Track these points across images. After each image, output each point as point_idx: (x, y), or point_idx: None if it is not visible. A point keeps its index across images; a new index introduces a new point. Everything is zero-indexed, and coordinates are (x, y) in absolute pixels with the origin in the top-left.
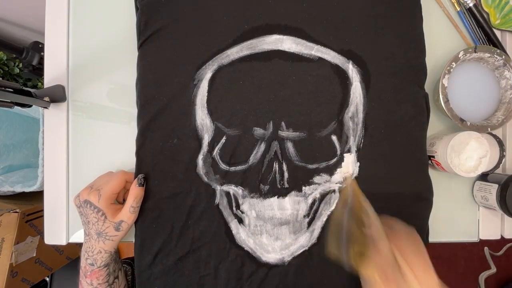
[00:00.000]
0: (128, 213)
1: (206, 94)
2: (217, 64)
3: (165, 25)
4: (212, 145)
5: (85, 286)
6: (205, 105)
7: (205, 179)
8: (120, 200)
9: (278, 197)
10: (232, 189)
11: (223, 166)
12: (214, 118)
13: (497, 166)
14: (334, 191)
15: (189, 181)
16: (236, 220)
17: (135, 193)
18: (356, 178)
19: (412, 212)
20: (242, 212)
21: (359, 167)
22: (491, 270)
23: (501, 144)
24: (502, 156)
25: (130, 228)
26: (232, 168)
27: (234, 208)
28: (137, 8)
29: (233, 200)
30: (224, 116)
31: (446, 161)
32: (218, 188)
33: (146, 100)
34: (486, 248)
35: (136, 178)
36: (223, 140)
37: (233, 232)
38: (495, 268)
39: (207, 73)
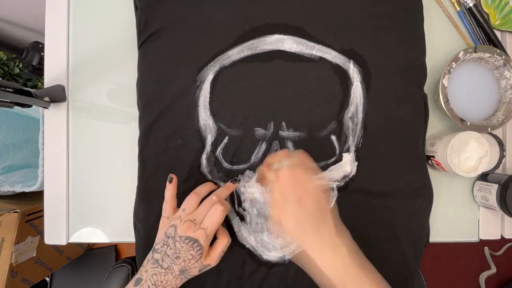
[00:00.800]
0: (216, 259)
1: (209, 95)
2: (219, 65)
3: (165, 25)
4: (215, 145)
5: None
6: (208, 106)
7: (209, 177)
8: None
9: None
10: None
11: (226, 165)
12: (217, 119)
13: (497, 166)
14: (332, 189)
15: (194, 179)
16: (238, 217)
17: (228, 240)
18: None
19: (411, 211)
20: (244, 210)
21: (357, 166)
22: (491, 270)
23: (501, 144)
24: (502, 156)
25: None
26: (235, 167)
27: (236, 206)
28: (136, 7)
29: (235, 198)
30: (226, 117)
31: (446, 161)
32: (221, 185)
33: (147, 101)
34: (486, 248)
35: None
36: (225, 140)
37: (234, 229)
38: (495, 268)
39: (209, 75)
